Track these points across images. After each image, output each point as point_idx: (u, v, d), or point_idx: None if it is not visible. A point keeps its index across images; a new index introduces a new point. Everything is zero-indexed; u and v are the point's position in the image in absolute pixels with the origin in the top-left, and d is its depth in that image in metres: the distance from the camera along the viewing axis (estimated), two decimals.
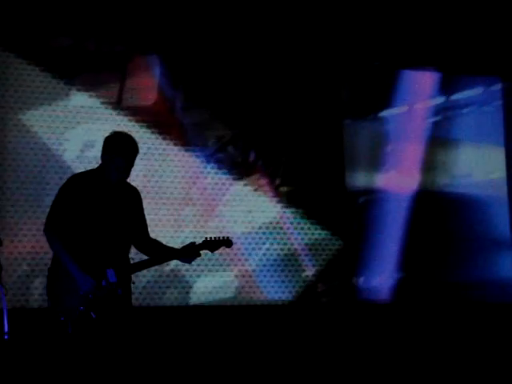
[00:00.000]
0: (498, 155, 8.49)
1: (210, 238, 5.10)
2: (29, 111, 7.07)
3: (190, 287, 7.39)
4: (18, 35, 7.03)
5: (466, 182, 8.36)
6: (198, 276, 7.41)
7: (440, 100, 8.40)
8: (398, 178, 8.18)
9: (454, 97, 8.41)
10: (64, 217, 4.82)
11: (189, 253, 5.03)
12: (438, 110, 8.39)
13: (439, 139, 8.35)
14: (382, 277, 8.02)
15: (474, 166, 8.41)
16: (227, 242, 5.15)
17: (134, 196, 5.07)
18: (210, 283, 7.44)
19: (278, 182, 7.81)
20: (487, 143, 8.42)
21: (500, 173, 8.46)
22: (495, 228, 8.35)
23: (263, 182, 7.75)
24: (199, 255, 5.06)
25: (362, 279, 7.99)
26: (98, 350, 4.76)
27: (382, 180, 8.16)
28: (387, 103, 8.24)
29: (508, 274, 8.31)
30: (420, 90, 8.33)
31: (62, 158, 7.11)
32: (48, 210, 4.96)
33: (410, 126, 8.29)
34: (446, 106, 8.41)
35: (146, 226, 5.12)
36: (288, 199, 7.82)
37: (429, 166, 8.31)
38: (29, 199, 6.98)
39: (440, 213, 8.25)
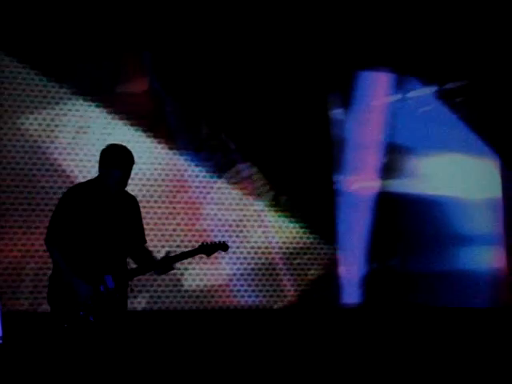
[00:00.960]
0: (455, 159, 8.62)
1: (207, 242, 5.23)
2: (24, 115, 7.07)
3: (164, 291, 7.37)
4: (12, 38, 7.02)
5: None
6: (177, 279, 7.38)
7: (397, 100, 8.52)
8: (364, 181, 8.30)
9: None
10: (64, 227, 4.93)
11: (163, 265, 5.12)
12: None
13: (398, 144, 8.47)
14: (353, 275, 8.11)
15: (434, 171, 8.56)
16: (223, 246, 5.28)
17: (132, 204, 5.17)
18: (189, 287, 7.45)
19: (265, 184, 7.83)
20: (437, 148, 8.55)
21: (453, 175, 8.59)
22: (454, 226, 8.50)
23: (249, 185, 7.77)
24: (172, 269, 5.16)
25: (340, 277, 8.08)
26: (96, 352, 4.87)
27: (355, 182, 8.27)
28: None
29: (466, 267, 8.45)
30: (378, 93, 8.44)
31: (56, 161, 7.11)
32: (43, 214, 5.01)
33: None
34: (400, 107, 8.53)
35: (143, 233, 5.23)
36: (273, 200, 7.84)
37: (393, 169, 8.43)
38: (23, 203, 6.97)
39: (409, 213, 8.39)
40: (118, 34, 7.37)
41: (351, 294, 8.02)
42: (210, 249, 5.20)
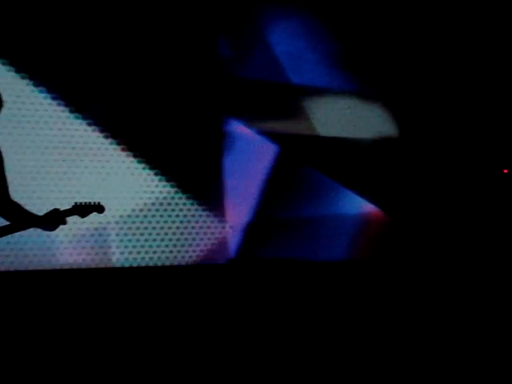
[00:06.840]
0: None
1: (80, 203, 5.02)
2: None
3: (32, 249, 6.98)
4: None
5: None
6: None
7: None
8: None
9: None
10: None
11: (52, 220, 4.90)
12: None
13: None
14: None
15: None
16: (99, 208, 5.09)
17: None
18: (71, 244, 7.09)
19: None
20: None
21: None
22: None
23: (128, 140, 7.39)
24: (64, 223, 4.98)
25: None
26: None
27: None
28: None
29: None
30: None
31: None
32: None
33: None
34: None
35: (6, 187, 4.94)
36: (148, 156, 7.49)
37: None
38: None
39: None
40: None
41: (229, 248, 7.84)
42: (84, 210, 5.02)
